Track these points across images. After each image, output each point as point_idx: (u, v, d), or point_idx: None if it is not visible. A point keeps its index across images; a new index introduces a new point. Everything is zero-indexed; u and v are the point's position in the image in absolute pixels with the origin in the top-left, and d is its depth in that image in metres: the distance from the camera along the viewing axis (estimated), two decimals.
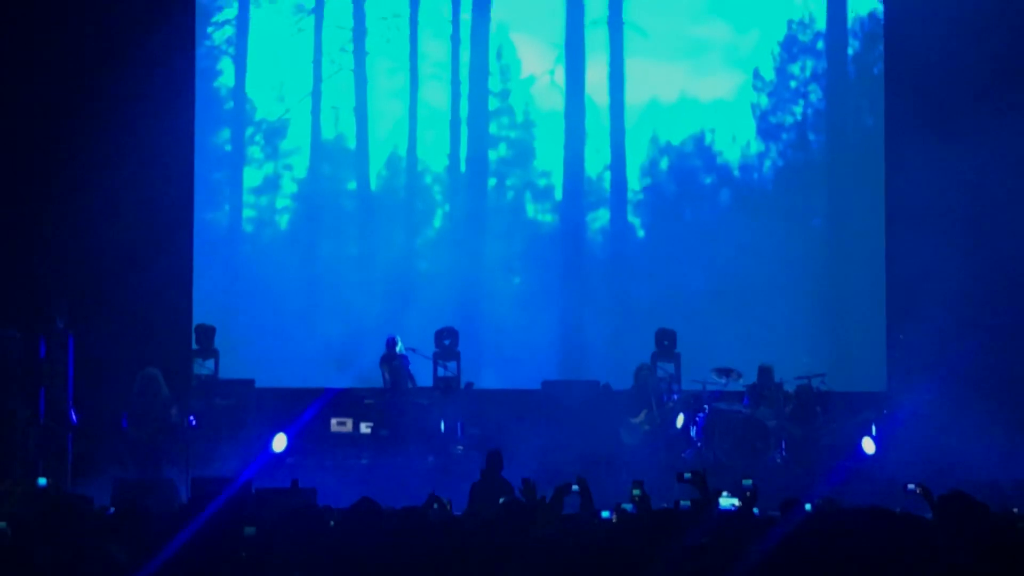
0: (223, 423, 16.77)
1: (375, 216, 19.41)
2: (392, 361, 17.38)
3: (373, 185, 19.44)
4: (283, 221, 19.53)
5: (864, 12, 19.61)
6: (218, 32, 19.28)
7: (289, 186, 19.46)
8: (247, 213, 19.42)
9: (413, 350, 17.57)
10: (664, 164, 19.57)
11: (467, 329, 18.19)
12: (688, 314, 18.56)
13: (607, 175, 19.53)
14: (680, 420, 17.12)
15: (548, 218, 19.63)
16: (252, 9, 19.26)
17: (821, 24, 19.60)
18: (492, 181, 19.59)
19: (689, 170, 19.57)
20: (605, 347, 18.88)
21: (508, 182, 19.62)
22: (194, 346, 17.78)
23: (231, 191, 19.37)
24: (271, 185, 19.41)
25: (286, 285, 19.01)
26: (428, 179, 19.56)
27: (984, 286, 17.57)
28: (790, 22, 19.53)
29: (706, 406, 16.98)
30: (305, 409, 16.55)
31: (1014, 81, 18.09)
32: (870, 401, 17.55)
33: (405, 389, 17.31)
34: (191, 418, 15.71)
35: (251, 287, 18.91)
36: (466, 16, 19.41)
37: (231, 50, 19.29)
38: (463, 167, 19.50)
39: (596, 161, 19.53)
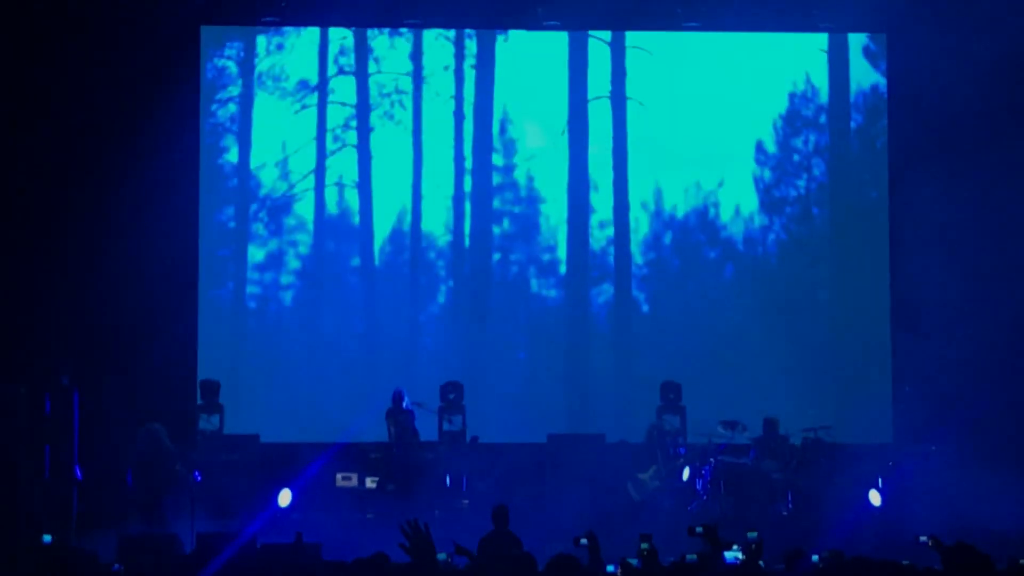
0: (228, 478, 16.69)
1: (379, 292, 19.41)
2: (398, 415, 17.34)
3: (377, 261, 19.45)
4: (287, 297, 19.53)
5: (866, 86, 19.67)
6: (222, 109, 19.37)
7: (293, 262, 19.47)
8: (251, 289, 19.41)
9: (420, 405, 17.54)
10: (668, 238, 19.57)
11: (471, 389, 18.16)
12: (694, 367, 18.56)
13: (611, 249, 19.54)
14: (686, 473, 17.07)
15: (552, 293, 19.61)
16: (256, 86, 19.35)
17: (824, 98, 19.66)
18: (496, 256, 19.59)
19: (693, 244, 19.57)
20: (610, 400, 18.95)
21: (512, 257, 19.62)
22: (199, 401, 17.74)
23: (235, 268, 19.38)
24: (275, 261, 19.42)
25: (290, 361, 18.98)
26: (432, 254, 19.57)
27: (989, 343, 17.56)
28: (792, 96, 19.59)
29: (712, 459, 16.93)
30: (310, 464, 16.50)
31: (1020, 152, 18.15)
32: (876, 454, 17.48)
33: (410, 443, 17.25)
34: (196, 473, 15.69)
35: (255, 361, 18.90)
36: (469, 92, 19.48)
37: (235, 127, 19.37)
38: (467, 242, 19.51)
39: (600, 236, 19.53)
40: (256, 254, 19.35)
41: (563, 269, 19.54)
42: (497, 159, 19.59)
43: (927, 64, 18.52)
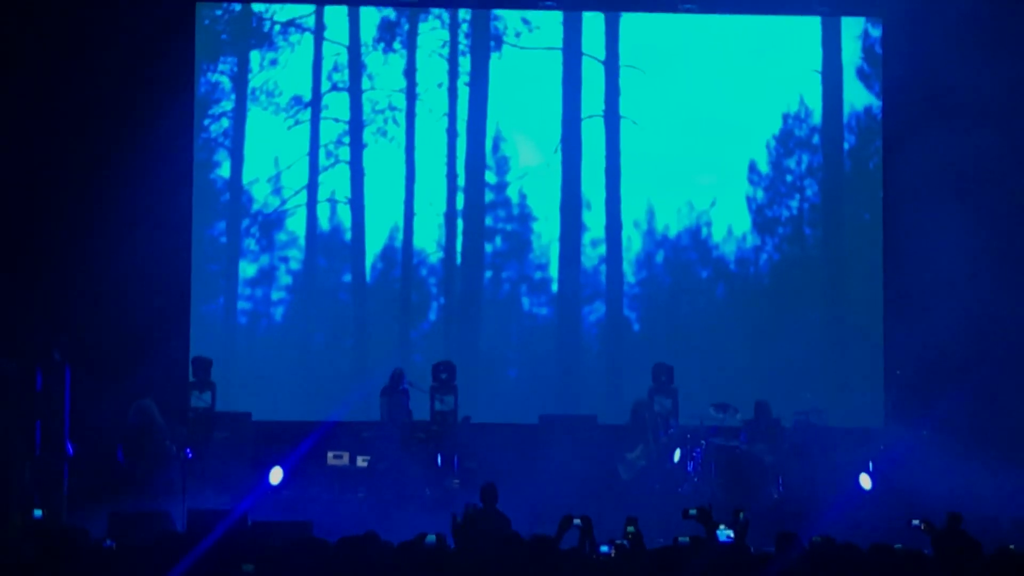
0: (220, 456, 16.63)
1: (370, 308, 19.37)
2: (392, 395, 17.29)
3: (368, 277, 19.41)
4: (278, 313, 19.48)
5: (860, 107, 19.67)
6: (215, 124, 19.36)
7: (284, 278, 19.44)
8: (242, 305, 19.37)
9: (412, 385, 17.50)
10: (660, 257, 19.55)
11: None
12: (686, 350, 18.62)
13: (603, 268, 19.51)
14: (677, 455, 17.05)
15: (544, 311, 19.57)
16: (249, 101, 19.34)
17: (817, 119, 19.66)
18: (488, 274, 19.56)
19: (685, 263, 19.55)
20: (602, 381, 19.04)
21: (504, 275, 19.59)
22: (191, 378, 17.69)
23: (226, 283, 19.34)
24: (266, 277, 19.38)
25: (280, 376, 18.96)
26: (423, 271, 19.53)
27: (980, 327, 17.56)
28: (786, 116, 19.58)
29: (703, 441, 16.89)
30: (302, 442, 16.46)
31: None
32: (867, 438, 17.44)
33: (402, 423, 17.21)
34: (187, 450, 15.65)
35: (244, 379, 18.86)
36: (462, 109, 19.48)
37: (227, 142, 19.36)
38: (459, 259, 19.48)
39: (592, 254, 19.51)
40: (247, 269, 19.32)
41: (555, 287, 19.51)
42: (490, 177, 19.58)
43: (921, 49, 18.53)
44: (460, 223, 19.48)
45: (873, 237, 19.38)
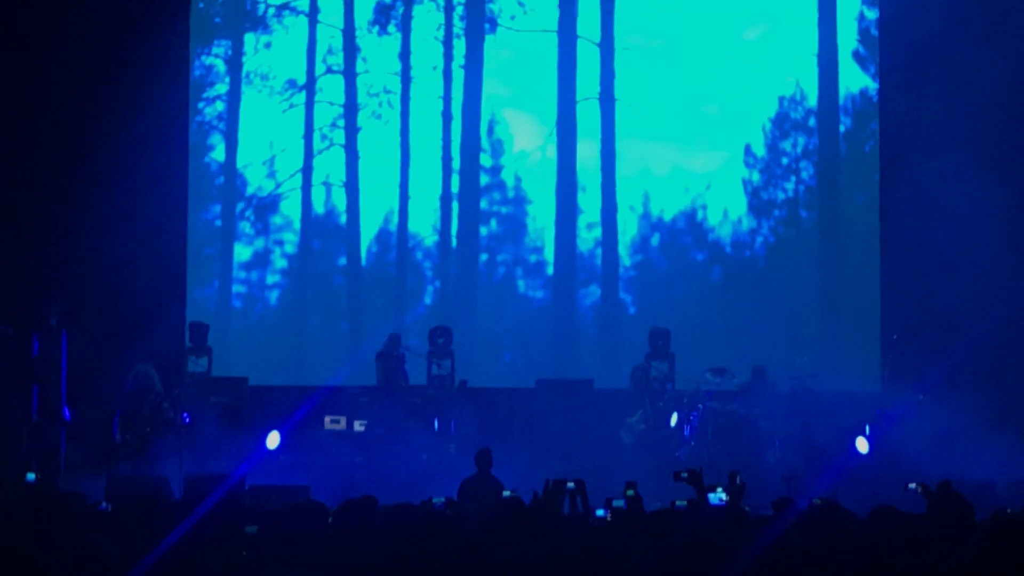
0: (217, 420, 16.59)
1: (365, 292, 19.33)
2: (388, 359, 17.26)
3: (364, 261, 19.38)
4: (273, 296, 19.45)
5: (855, 90, 19.64)
6: (209, 107, 19.32)
7: (279, 261, 19.41)
8: (237, 288, 19.33)
9: (408, 349, 17.47)
10: (655, 240, 19.53)
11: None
12: (683, 317, 18.63)
13: (598, 251, 19.48)
14: (674, 419, 17.01)
15: (539, 294, 19.54)
16: (243, 85, 19.30)
17: (812, 101, 19.63)
18: (483, 257, 19.53)
19: (680, 246, 19.52)
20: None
21: (499, 258, 19.57)
22: (187, 344, 17.67)
23: (221, 267, 19.30)
24: (261, 260, 19.34)
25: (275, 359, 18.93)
26: (419, 255, 19.51)
27: (976, 292, 17.53)
28: (782, 99, 19.55)
29: (700, 405, 16.89)
30: (299, 407, 16.43)
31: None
32: (864, 401, 17.40)
33: (399, 387, 17.18)
34: (185, 415, 15.62)
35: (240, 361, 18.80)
36: (457, 92, 19.44)
37: (222, 126, 19.32)
38: (454, 243, 19.45)
39: (587, 237, 19.48)
40: (242, 253, 19.28)
41: (550, 270, 19.48)
42: (485, 160, 19.55)
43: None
44: (455, 206, 19.45)
45: (869, 219, 19.33)
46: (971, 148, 18.18)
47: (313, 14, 19.39)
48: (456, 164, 19.46)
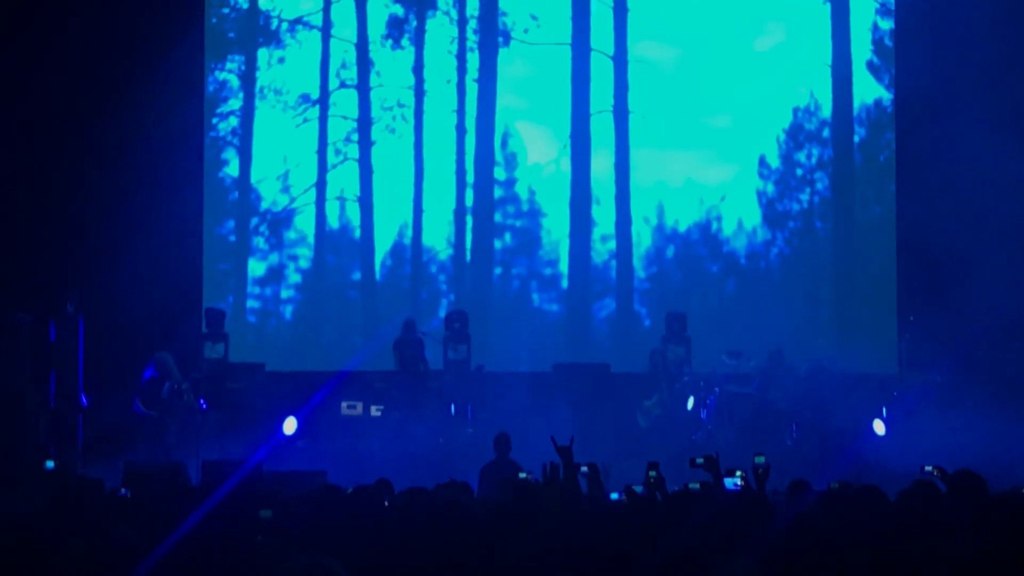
0: (233, 406, 16.57)
1: (380, 306, 19.30)
2: (408, 346, 17.22)
3: (378, 275, 19.36)
4: (288, 311, 19.44)
5: (870, 100, 19.58)
6: (223, 123, 19.34)
7: (294, 276, 19.40)
8: (251, 304, 19.32)
9: (425, 334, 17.44)
10: (670, 252, 19.47)
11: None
12: (700, 297, 18.70)
13: (613, 263, 19.43)
14: (691, 402, 16.95)
15: (554, 307, 19.50)
16: (257, 99, 19.32)
17: (827, 112, 19.57)
18: (498, 270, 19.50)
19: (695, 258, 19.46)
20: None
21: (513, 271, 19.53)
22: (204, 330, 17.63)
23: (235, 282, 19.30)
24: (276, 275, 19.33)
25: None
26: (433, 268, 19.48)
27: (995, 300, 17.44)
28: (796, 110, 19.50)
29: (717, 388, 16.79)
30: (315, 392, 16.40)
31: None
32: (881, 384, 17.29)
33: (416, 372, 17.15)
34: (202, 401, 15.61)
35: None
36: (471, 106, 19.43)
37: (236, 140, 19.33)
38: (468, 256, 19.42)
39: (602, 249, 19.43)
40: (257, 268, 19.28)
41: (565, 283, 19.43)
42: (499, 173, 19.53)
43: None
44: (469, 220, 19.42)
45: (885, 230, 19.26)
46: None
47: (326, 29, 19.41)
48: (470, 178, 19.44)
